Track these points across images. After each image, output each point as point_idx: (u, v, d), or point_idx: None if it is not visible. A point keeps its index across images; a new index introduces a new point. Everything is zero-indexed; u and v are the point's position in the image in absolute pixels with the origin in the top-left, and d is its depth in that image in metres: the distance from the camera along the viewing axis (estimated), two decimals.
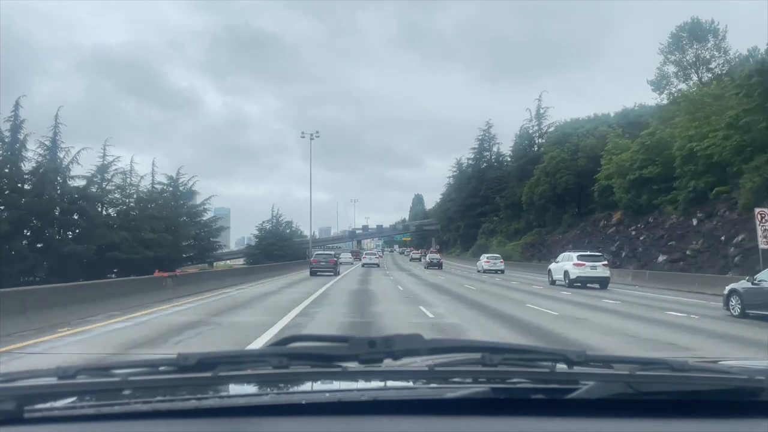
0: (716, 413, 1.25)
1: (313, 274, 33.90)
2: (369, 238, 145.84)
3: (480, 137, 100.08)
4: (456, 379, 1.39)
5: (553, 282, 28.96)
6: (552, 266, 30.27)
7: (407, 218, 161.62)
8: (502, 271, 44.04)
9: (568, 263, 27.62)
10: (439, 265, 52.81)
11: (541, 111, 77.17)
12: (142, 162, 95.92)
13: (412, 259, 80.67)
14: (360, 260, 63.20)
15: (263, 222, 69.17)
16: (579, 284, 26.28)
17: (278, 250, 62.06)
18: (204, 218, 54.68)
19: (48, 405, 1.24)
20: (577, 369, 1.36)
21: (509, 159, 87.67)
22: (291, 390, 1.37)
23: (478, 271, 44.81)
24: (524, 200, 65.11)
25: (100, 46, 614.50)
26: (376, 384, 1.40)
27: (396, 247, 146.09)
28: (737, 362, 1.77)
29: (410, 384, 1.42)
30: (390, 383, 1.42)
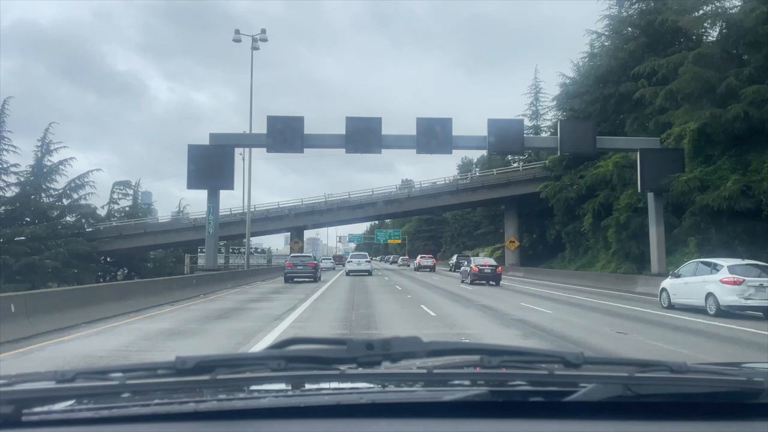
0: (715, 415, 1.28)
1: (288, 280, 30.45)
2: (335, 222, 62.18)
3: None
4: (454, 382, 1.40)
5: None
6: None
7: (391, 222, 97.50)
8: None
9: None
10: (495, 279, 29.42)
11: None
12: None
13: (418, 268, 52.12)
14: (343, 266, 47.01)
15: None
16: None
17: (25, 256, 32.01)
18: None
19: (46, 408, 1.24)
20: (575, 371, 1.38)
21: None
22: (289, 393, 1.37)
23: (664, 307, 16.67)
24: None
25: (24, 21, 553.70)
26: (374, 386, 1.40)
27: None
28: (736, 364, 1.82)
29: (408, 386, 1.43)
30: (388, 386, 1.43)
